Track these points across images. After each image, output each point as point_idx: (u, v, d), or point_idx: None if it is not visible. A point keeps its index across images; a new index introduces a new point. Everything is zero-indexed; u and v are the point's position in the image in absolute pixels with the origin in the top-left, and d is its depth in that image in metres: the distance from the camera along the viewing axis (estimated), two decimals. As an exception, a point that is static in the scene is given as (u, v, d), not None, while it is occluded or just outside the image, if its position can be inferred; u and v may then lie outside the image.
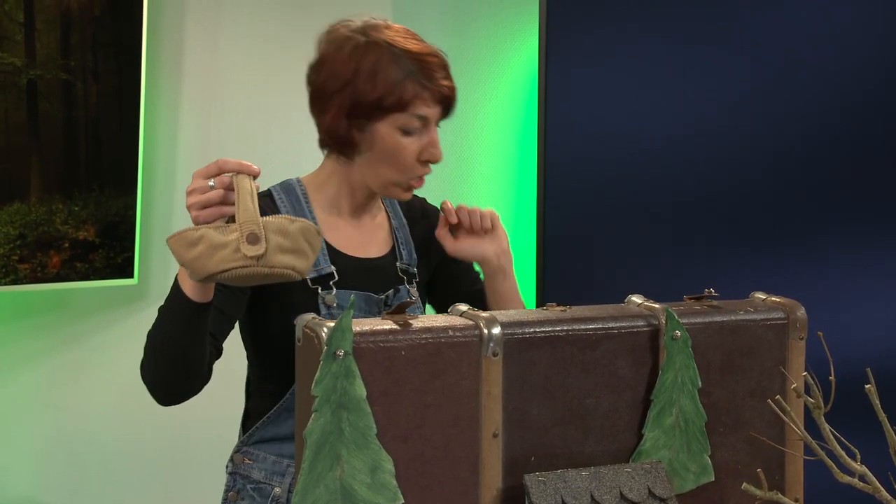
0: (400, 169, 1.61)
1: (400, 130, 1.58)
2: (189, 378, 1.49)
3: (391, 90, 1.56)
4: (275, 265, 1.26)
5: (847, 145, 2.47)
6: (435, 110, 1.61)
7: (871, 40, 2.45)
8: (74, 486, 2.77)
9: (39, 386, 2.72)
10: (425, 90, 1.58)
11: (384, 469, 1.12)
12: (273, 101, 2.97)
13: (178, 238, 1.27)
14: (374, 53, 1.57)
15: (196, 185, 1.33)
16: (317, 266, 1.60)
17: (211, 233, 1.25)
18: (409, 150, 1.60)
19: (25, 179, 2.50)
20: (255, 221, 1.26)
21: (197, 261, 1.26)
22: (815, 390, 1.08)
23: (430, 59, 1.60)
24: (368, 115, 1.58)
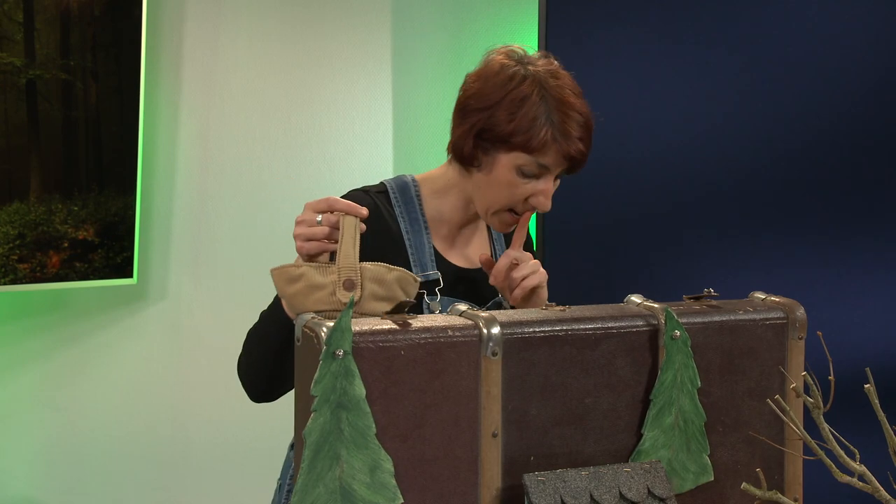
0: (505, 203, 1.60)
1: (518, 170, 1.57)
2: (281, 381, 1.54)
3: (524, 129, 1.54)
4: (366, 312, 1.30)
5: (847, 145, 2.47)
6: (560, 164, 1.58)
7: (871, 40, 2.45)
8: (73, 486, 2.77)
9: (39, 385, 2.72)
10: (555, 143, 1.55)
11: (383, 469, 1.13)
12: (273, 100, 2.97)
13: (280, 272, 1.33)
14: (525, 87, 1.56)
15: (305, 216, 1.39)
16: (424, 271, 1.62)
17: (311, 272, 1.31)
18: (520, 191, 1.58)
19: (25, 179, 2.50)
20: (353, 268, 1.30)
21: (295, 297, 1.32)
22: (814, 390, 1.08)
23: (574, 115, 1.56)
24: (496, 143, 1.57)
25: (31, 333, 2.70)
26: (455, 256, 1.69)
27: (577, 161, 1.58)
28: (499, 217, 1.62)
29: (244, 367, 1.56)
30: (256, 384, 1.55)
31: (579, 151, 1.57)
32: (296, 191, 2.98)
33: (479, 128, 1.58)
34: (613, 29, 2.69)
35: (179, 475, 2.89)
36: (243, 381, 1.57)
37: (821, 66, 2.48)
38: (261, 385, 1.55)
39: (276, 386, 1.55)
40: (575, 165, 1.59)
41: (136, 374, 2.84)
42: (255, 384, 1.56)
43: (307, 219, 1.38)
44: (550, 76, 1.58)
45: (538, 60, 1.61)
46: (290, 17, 2.98)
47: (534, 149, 1.54)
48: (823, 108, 2.49)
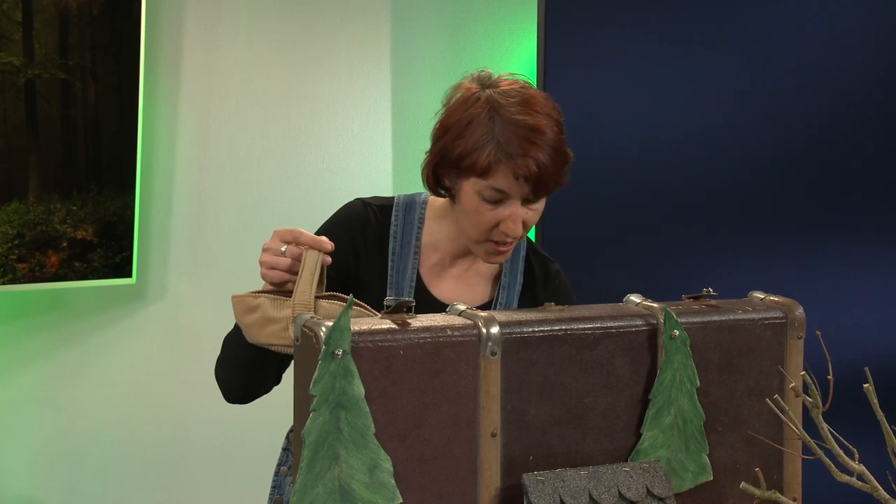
0: (478, 231, 1.52)
1: (479, 195, 1.49)
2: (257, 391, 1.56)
3: (470, 152, 1.47)
4: None
5: (846, 145, 2.47)
6: (517, 185, 1.47)
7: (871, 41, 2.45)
8: (73, 486, 2.77)
9: (38, 385, 2.72)
10: (506, 163, 1.46)
11: (382, 468, 1.12)
12: (272, 100, 2.97)
13: (239, 300, 1.35)
14: (475, 109, 1.49)
15: (272, 244, 1.39)
16: (399, 295, 1.58)
17: (267, 304, 1.32)
18: (487, 218, 1.50)
19: (24, 179, 2.50)
20: (307, 305, 1.31)
21: (250, 327, 1.34)
22: (813, 389, 1.08)
23: (529, 132, 1.46)
24: (452, 170, 1.52)
25: (31, 333, 2.70)
26: (440, 288, 1.63)
27: (538, 178, 1.47)
28: (482, 247, 1.55)
29: (220, 372, 1.57)
30: (233, 389, 1.56)
31: (531, 172, 1.46)
32: (295, 190, 2.98)
33: (437, 157, 1.53)
34: (613, 29, 2.69)
35: (179, 475, 2.89)
36: (220, 384, 1.57)
37: (821, 66, 2.48)
38: (237, 391, 1.56)
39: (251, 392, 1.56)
40: (539, 187, 1.48)
41: (136, 374, 2.83)
42: (230, 389, 1.56)
43: (273, 247, 1.38)
44: (506, 96, 1.49)
45: (502, 82, 1.53)
46: (289, 16, 2.98)
47: (482, 171, 1.46)
48: (823, 108, 2.49)
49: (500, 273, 1.66)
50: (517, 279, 1.66)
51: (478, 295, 1.65)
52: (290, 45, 2.98)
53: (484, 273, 1.66)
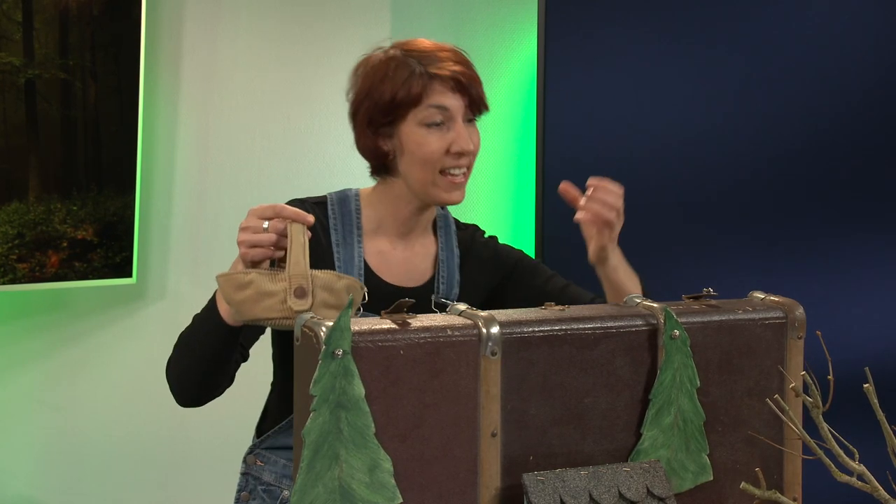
0: (430, 166, 1.58)
1: (422, 126, 1.57)
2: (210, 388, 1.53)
3: (401, 86, 1.56)
4: None
5: (846, 145, 2.47)
6: (454, 99, 1.58)
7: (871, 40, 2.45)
8: (73, 486, 2.77)
9: (38, 385, 2.72)
10: (434, 79, 1.57)
11: (383, 468, 1.12)
12: (272, 100, 2.97)
13: (228, 278, 1.33)
14: (386, 61, 1.60)
15: (250, 223, 1.38)
16: None
17: (261, 279, 1.31)
18: (434, 145, 1.58)
19: (24, 179, 2.50)
20: (304, 276, 1.30)
21: (244, 304, 1.31)
22: (813, 389, 1.08)
23: (439, 52, 1.60)
24: (390, 118, 1.58)
25: (31, 333, 2.70)
26: (388, 273, 1.65)
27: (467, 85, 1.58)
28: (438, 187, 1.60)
29: (174, 373, 1.53)
30: (187, 390, 1.53)
31: (462, 73, 1.58)
32: (295, 190, 2.97)
33: (368, 117, 1.60)
34: (613, 29, 2.69)
35: (179, 475, 2.89)
36: (172, 386, 1.54)
37: (821, 65, 2.48)
38: (191, 391, 1.53)
39: (207, 392, 1.53)
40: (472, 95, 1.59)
41: (136, 374, 2.83)
42: (185, 390, 1.53)
43: (252, 225, 1.37)
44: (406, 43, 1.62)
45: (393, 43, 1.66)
46: (289, 16, 2.98)
47: (419, 95, 1.56)
48: (823, 108, 2.49)
49: (437, 250, 1.72)
50: (454, 252, 1.72)
51: (422, 273, 1.69)
52: (290, 45, 2.98)
53: (424, 252, 1.71)
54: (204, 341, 1.47)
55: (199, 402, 1.55)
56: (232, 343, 1.47)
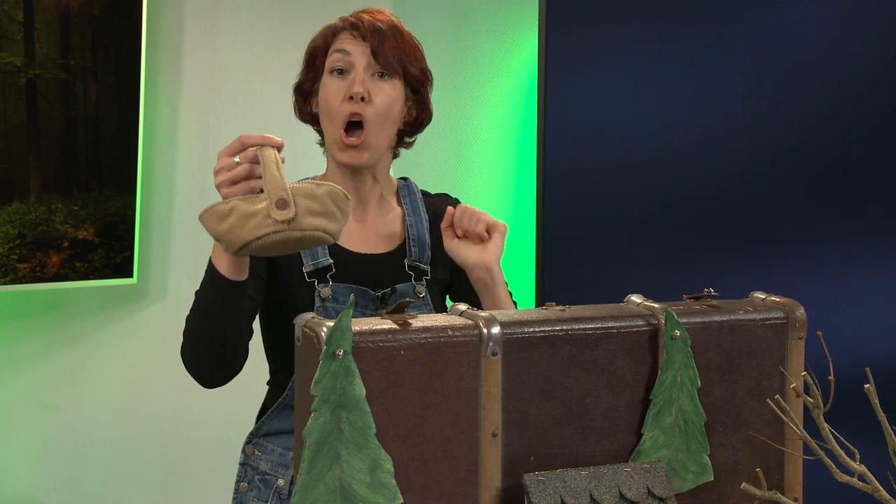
0: (331, 116, 1.63)
1: (329, 73, 1.64)
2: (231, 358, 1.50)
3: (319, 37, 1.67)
4: (306, 228, 1.28)
5: (846, 145, 2.47)
6: (356, 45, 1.63)
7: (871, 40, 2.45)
8: (73, 486, 2.77)
9: (38, 385, 2.72)
10: (343, 29, 1.64)
11: (383, 468, 1.12)
12: (272, 100, 2.97)
13: (210, 213, 1.30)
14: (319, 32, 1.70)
15: (222, 163, 1.38)
16: (315, 259, 1.63)
17: (241, 204, 1.29)
18: (333, 88, 1.63)
19: (24, 179, 2.50)
20: (282, 188, 1.29)
21: (230, 232, 1.29)
22: (814, 390, 1.08)
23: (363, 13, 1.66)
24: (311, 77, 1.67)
25: (31, 333, 2.70)
26: (351, 241, 1.67)
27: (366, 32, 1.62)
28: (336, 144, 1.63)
29: (191, 353, 1.50)
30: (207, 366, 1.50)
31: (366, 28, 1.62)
32: (296, 191, 2.98)
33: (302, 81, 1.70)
34: (613, 29, 2.69)
35: (179, 475, 2.89)
36: (191, 368, 1.51)
37: (821, 65, 2.48)
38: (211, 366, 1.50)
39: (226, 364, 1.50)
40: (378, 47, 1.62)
41: (136, 374, 2.84)
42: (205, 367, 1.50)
43: (225, 164, 1.38)
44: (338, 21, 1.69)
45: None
46: (289, 16, 2.98)
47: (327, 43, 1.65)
48: (824, 109, 2.49)
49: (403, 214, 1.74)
50: (422, 217, 1.74)
51: (392, 239, 1.71)
52: (290, 46, 2.98)
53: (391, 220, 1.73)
54: (212, 304, 1.45)
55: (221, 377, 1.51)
56: (239, 300, 1.45)
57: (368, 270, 1.66)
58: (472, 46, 3.21)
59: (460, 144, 3.21)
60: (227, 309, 1.45)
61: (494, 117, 3.22)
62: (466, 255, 1.63)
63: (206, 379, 1.52)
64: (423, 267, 1.71)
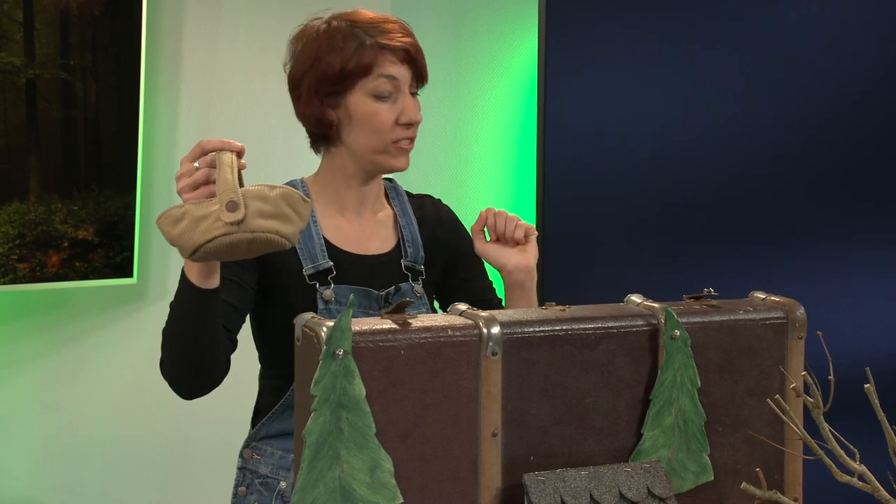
0: (380, 136, 1.62)
1: (372, 97, 1.61)
2: (206, 368, 1.50)
3: (351, 56, 1.59)
4: (255, 229, 1.27)
5: (846, 145, 2.47)
6: (402, 70, 1.62)
7: (871, 40, 2.45)
8: (73, 486, 2.77)
9: (38, 385, 2.72)
10: (385, 49, 1.60)
11: (383, 468, 1.12)
12: (272, 100, 2.97)
13: (164, 218, 1.30)
14: (332, 31, 1.62)
15: (183, 169, 1.38)
16: (314, 262, 1.62)
17: (193, 208, 1.28)
18: (384, 116, 1.61)
19: (24, 179, 2.50)
20: (233, 190, 1.28)
21: (182, 236, 1.28)
22: (814, 390, 1.08)
23: (386, 24, 1.63)
24: (338, 88, 1.61)
25: (31, 333, 2.70)
26: (349, 243, 1.67)
27: (416, 57, 1.62)
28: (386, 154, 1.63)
29: (168, 365, 1.50)
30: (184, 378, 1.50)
31: (411, 45, 1.62)
32: (295, 190, 2.98)
33: (315, 86, 1.62)
34: (613, 29, 2.69)
35: (179, 475, 2.89)
36: (171, 380, 1.51)
37: (821, 65, 2.48)
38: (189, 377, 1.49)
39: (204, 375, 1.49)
40: (418, 65, 1.63)
41: (136, 374, 2.83)
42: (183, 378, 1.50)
43: (185, 170, 1.38)
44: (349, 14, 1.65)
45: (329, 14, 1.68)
46: (290, 17, 2.97)
47: (370, 65, 1.59)
48: (824, 109, 2.49)
49: (395, 216, 1.74)
50: (411, 218, 1.75)
51: (386, 240, 1.71)
52: (290, 46, 2.98)
53: (384, 221, 1.73)
54: (184, 314, 1.45)
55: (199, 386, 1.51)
56: (210, 309, 1.44)
57: (368, 271, 1.66)
58: (471, 46, 3.21)
59: (460, 144, 3.21)
60: (199, 316, 1.44)
61: (494, 117, 3.22)
62: (507, 259, 1.67)
63: (184, 389, 1.52)
64: (419, 268, 1.72)
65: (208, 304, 1.44)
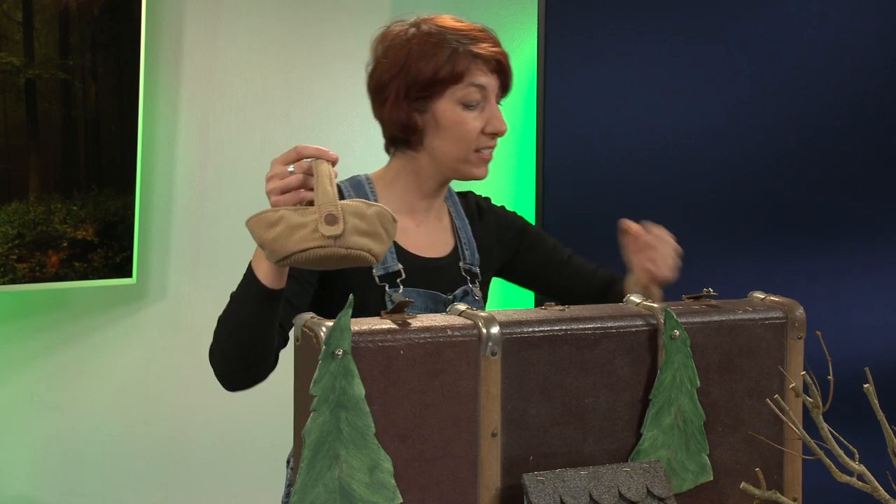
0: (465, 144, 1.63)
1: (460, 104, 1.61)
2: (257, 364, 1.49)
3: (444, 63, 1.59)
4: (351, 246, 1.28)
5: (846, 145, 2.47)
6: (492, 80, 1.63)
7: (872, 40, 2.45)
8: (72, 486, 2.77)
9: (38, 385, 2.72)
10: (477, 58, 1.61)
11: (383, 468, 1.12)
12: (272, 100, 2.97)
13: (258, 219, 1.30)
14: (423, 37, 1.62)
15: (275, 171, 1.37)
16: (384, 264, 1.63)
17: (290, 214, 1.28)
18: (471, 124, 1.62)
19: (24, 179, 2.50)
20: (333, 203, 1.28)
21: (276, 241, 1.28)
22: (813, 390, 1.08)
23: (477, 32, 1.64)
24: (427, 93, 1.61)
25: (31, 333, 2.70)
26: (416, 246, 1.68)
27: (506, 67, 1.65)
28: (468, 163, 1.65)
29: (218, 356, 1.49)
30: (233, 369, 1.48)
31: (502, 55, 1.64)
32: (295, 190, 2.98)
33: (404, 90, 1.62)
34: (613, 29, 2.69)
35: (179, 475, 2.89)
36: (219, 371, 1.50)
37: (821, 65, 2.48)
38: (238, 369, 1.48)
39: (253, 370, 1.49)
40: (506, 75, 1.65)
41: (136, 374, 2.83)
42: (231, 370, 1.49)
43: (277, 172, 1.37)
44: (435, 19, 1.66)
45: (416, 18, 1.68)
46: (289, 16, 2.98)
47: (462, 73, 1.60)
48: (824, 109, 2.49)
49: (451, 218, 1.76)
50: (465, 220, 1.77)
51: (445, 243, 1.73)
52: (290, 46, 2.98)
53: (443, 224, 1.75)
54: (246, 309, 1.44)
55: (247, 381, 1.50)
56: (273, 308, 1.44)
57: (434, 274, 1.67)
58: (471, 46, 3.21)
59: (460, 144, 3.21)
60: (261, 316, 1.44)
61: (494, 117, 3.22)
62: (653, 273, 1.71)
63: (231, 382, 1.51)
64: (475, 270, 1.73)
65: (272, 305, 1.44)
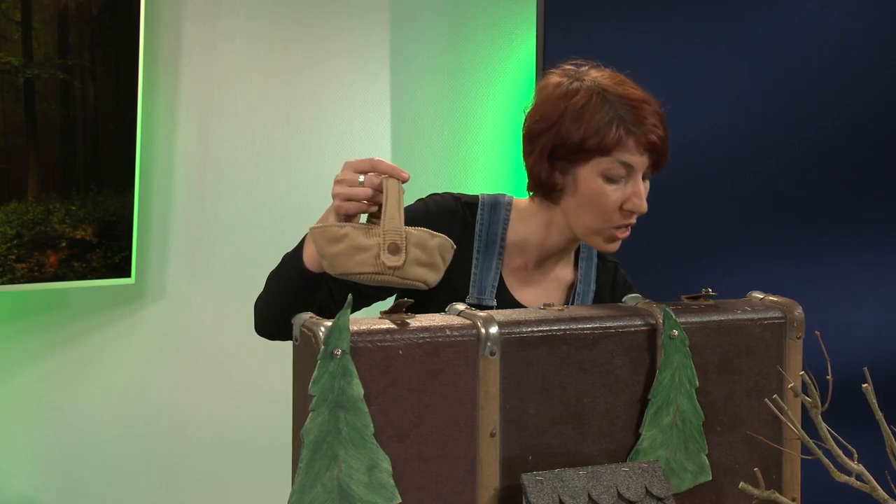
0: (601, 217, 1.54)
1: (602, 176, 1.53)
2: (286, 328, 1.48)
3: (595, 132, 1.51)
4: (408, 277, 1.29)
5: (846, 145, 2.47)
6: (641, 159, 1.53)
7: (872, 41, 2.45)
8: (72, 486, 2.77)
9: (37, 385, 2.72)
10: (631, 136, 1.51)
11: (381, 468, 1.12)
12: (271, 101, 2.97)
13: (322, 231, 1.30)
14: (583, 95, 1.54)
15: (346, 176, 1.36)
16: (481, 295, 1.59)
17: (355, 233, 1.29)
18: (611, 199, 1.52)
19: (23, 179, 2.50)
20: (398, 231, 1.28)
21: (337, 257, 1.29)
22: (812, 389, 1.08)
23: (642, 105, 1.54)
24: (571, 157, 1.53)
25: (30, 333, 2.70)
26: (520, 292, 1.63)
27: (659, 149, 1.54)
28: (600, 236, 1.56)
29: (262, 305, 1.53)
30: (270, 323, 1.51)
31: (659, 137, 1.53)
32: (294, 191, 2.98)
33: (550, 148, 1.54)
34: (613, 29, 2.69)
35: (178, 475, 2.89)
36: (258, 317, 1.53)
37: (821, 66, 2.48)
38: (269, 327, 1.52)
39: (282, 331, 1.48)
40: (659, 157, 1.55)
41: (135, 374, 2.83)
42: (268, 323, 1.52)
43: (348, 178, 1.35)
44: (607, 79, 1.58)
45: (591, 71, 1.61)
46: (288, 17, 2.98)
47: (610, 147, 1.50)
48: (823, 108, 2.49)
49: (574, 281, 1.68)
50: (590, 287, 1.69)
51: (555, 301, 1.66)
52: (289, 46, 2.98)
53: (561, 280, 1.68)
54: (284, 284, 1.47)
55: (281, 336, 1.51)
56: (306, 288, 1.45)
57: None
58: (471, 47, 3.21)
59: (459, 144, 3.21)
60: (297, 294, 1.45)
61: (493, 117, 3.22)
62: None
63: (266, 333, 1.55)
64: None
65: (306, 284, 1.44)
